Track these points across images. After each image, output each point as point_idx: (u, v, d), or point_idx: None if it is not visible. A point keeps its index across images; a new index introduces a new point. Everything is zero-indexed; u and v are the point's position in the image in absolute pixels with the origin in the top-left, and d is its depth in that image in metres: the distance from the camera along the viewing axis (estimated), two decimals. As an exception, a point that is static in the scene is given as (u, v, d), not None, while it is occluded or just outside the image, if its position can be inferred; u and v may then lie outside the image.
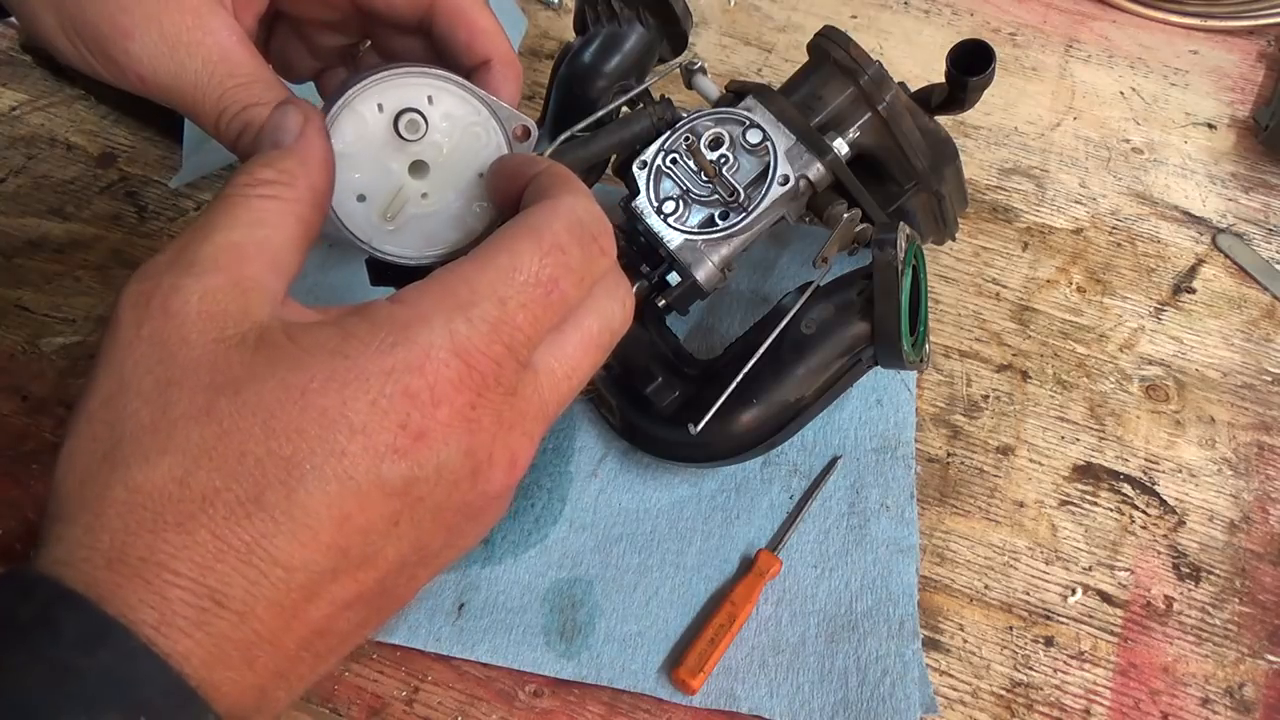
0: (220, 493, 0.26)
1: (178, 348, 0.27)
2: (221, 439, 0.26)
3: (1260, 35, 0.79)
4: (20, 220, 0.63)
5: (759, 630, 0.48)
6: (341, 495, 0.26)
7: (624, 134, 0.50)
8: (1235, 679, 0.48)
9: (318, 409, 0.27)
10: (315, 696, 0.46)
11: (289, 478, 0.26)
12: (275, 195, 0.30)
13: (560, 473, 0.53)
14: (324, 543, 0.26)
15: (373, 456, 0.27)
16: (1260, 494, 0.54)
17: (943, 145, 0.52)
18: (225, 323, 0.28)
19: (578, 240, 0.31)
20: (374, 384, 0.27)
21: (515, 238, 0.30)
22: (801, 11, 0.79)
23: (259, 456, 0.26)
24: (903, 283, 0.45)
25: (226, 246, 0.29)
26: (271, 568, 0.26)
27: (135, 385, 0.27)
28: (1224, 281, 0.64)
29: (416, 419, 0.27)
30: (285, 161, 0.31)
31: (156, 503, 0.25)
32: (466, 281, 0.29)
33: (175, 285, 0.28)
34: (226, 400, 0.26)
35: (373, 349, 0.27)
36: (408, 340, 0.28)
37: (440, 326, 0.28)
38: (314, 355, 0.27)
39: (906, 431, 0.55)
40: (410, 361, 0.27)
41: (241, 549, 0.25)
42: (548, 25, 0.77)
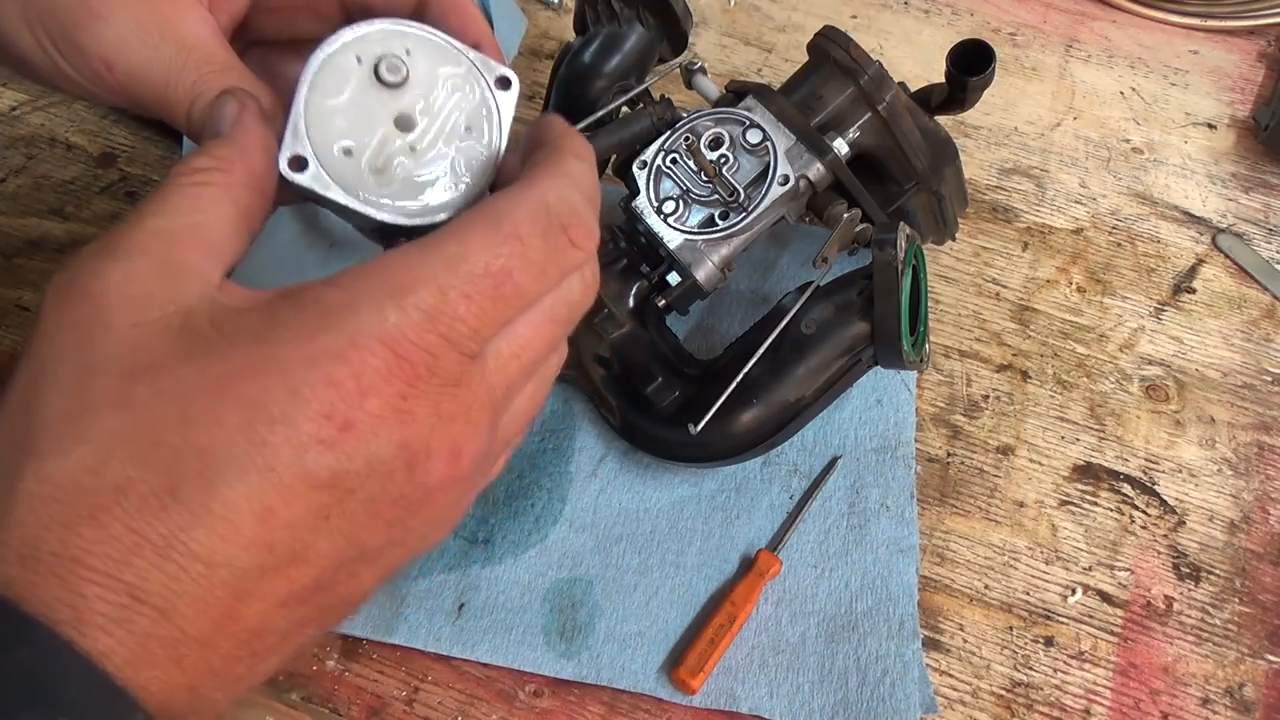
0: (134, 484, 0.24)
1: (98, 333, 0.26)
2: (137, 428, 0.25)
3: (1260, 35, 0.79)
4: (20, 220, 0.63)
5: (759, 630, 0.48)
6: (263, 488, 0.25)
7: (624, 134, 0.50)
8: (1235, 679, 0.48)
9: (236, 397, 0.25)
10: (315, 696, 0.46)
11: (206, 469, 0.25)
12: (210, 181, 0.29)
13: (560, 473, 0.53)
14: (246, 538, 0.25)
15: (295, 448, 0.25)
16: (1260, 494, 0.54)
17: (943, 145, 0.52)
18: (148, 306, 0.26)
19: (541, 230, 0.29)
20: (295, 372, 0.26)
21: (470, 224, 0.28)
22: (801, 11, 0.79)
23: (175, 447, 0.25)
24: (903, 283, 0.45)
25: (155, 232, 0.28)
26: (191, 563, 0.24)
27: (53, 372, 0.26)
28: (1224, 281, 0.64)
29: (342, 409, 0.26)
30: (221, 149, 0.30)
31: (68, 494, 0.24)
32: (407, 267, 0.27)
33: (96, 270, 0.27)
34: (144, 387, 0.25)
35: (296, 335, 0.26)
36: (332, 327, 0.26)
37: (369, 313, 0.26)
38: (235, 342, 0.26)
39: (906, 431, 0.55)
40: (333, 349, 0.26)
41: (159, 543, 0.24)
42: (548, 25, 0.77)
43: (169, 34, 0.32)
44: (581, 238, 0.30)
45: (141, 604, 0.24)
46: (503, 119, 0.33)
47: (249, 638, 0.26)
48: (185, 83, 0.33)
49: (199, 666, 0.25)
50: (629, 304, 0.53)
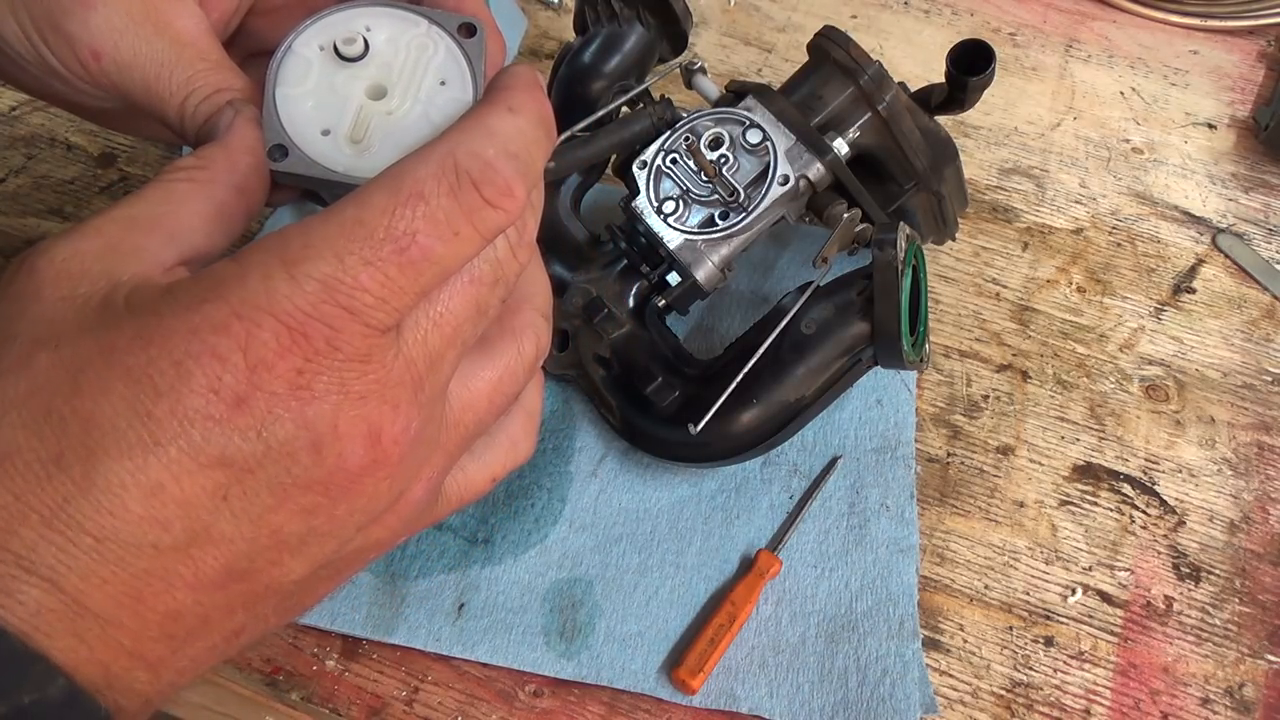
0: (21, 450, 0.24)
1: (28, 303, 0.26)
2: (32, 394, 0.24)
3: (1260, 35, 0.79)
4: (20, 220, 0.63)
5: (759, 630, 0.48)
6: (148, 462, 0.24)
7: (624, 134, 0.50)
8: (1235, 679, 0.48)
9: (123, 367, 0.24)
10: (315, 696, 0.46)
11: (88, 438, 0.24)
12: (188, 178, 0.29)
13: (560, 473, 0.53)
14: (135, 513, 0.24)
15: (181, 421, 0.24)
16: (1260, 494, 0.54)
17: (943, 145, 0.52)
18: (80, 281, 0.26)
19: (447, 188, 0.26)
20: (178, 343, 0.25)
21: (371, 188, 0.26)
22: (801, 11, 0.79)
23: (63, 415, 0.24)
24: (903, 283, 0.45)
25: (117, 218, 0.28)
26: (79, 535, 0.24)
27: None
28: (1224, 281, 0.64)
29: (230, 383, 0.25)
30: (209, 149, 0.30)
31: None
32: (303, 235, 0.26)
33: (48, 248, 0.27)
34: (46, 354, 0.25)
35: (183, 306, 0.25)
36: (218, 297, 0.25)
37: (256, 283, 0.25)
38: (133, 313, 0.25)
39: (906, 431, 0.55)
40: (216, 320, 0.25)
41: (44, 513, 0.24)
42: (548, 25, 0.77)
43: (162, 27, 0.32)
44: (496, 195, 0.27)
45: (29, 574, 0.23)
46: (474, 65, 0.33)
47: (161, 620, 0.25)
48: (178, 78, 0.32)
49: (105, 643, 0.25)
50: (629, 304, 0.53)
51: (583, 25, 0.58)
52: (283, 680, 0.46)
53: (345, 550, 0.29)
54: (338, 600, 0.48)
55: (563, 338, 0.55)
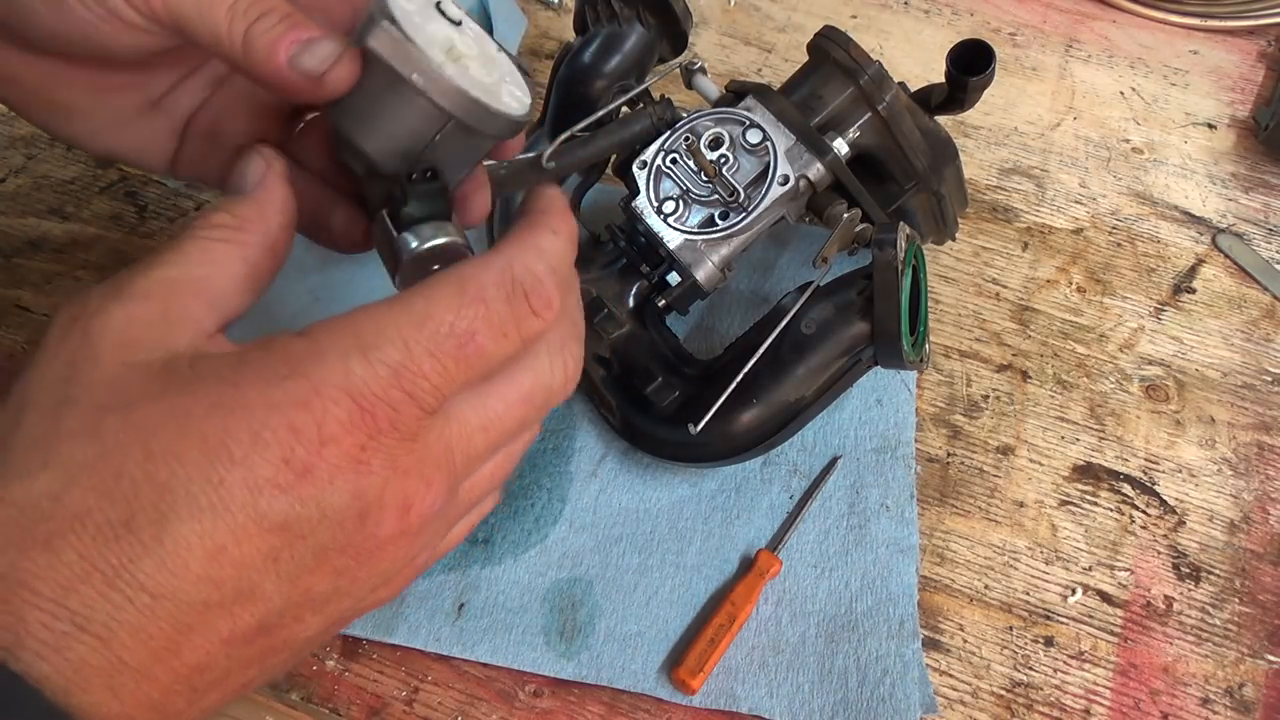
0: (92, 512, 0.25)
1: (87, 367, 0.27)
2: (102, 458, 0.25)
3: (1260, 35, 0.79)
4: (20, 220, 0.63)
5: (759, 630, 0.48)
6: (215, 526, 0.26)
7: (624, 134, 0.50)
8: (1235, 679, 0.48)
9: (198, 435, 0.26)
10: (315, 696, 0.46)
11: (161, 502, 0.25)
12: (225, 239, 0.30)
13: (560, 473, 0.53)
14: (195, 573, 0.26)
15: (251, 489, 0.26)
16: (1260, 494, 0.54)
17: (943, 145, 0.52)
18: (138, 348, 0.27)
19: (505, 295, 0.30)
20: (258, 415, 0.26)
21: (438, 284, 0.29)
22: (801, 11, 0.79)
23: (135, 479, 0.25)
24: (903, 283, 0.45)
25: (162, 280, 0.29)
26: (137, 593, 0.25)
27: (36, 400, 0.27)
28: (1224, 281, 0.64)
29: (301, 455, 0.27)
30: (241, 207, 0.31)
31: (27, 518, 0.25)
32: (375, 322, 0.28)
33: (101, 308, 0.28)
34: (114, 419, 0.26)
35: (263, 379, 0.27)
36: (299, 374, 0.27)
37: (335, 363, 0.27)
38: (205, 381, 0.27)
39: (906, 431, 0.55)
40: (298, 396, 0.27)
41: (108, 572, 0.25)
42: (548, 25, 0.77)
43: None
44: (541, 305, 0.30)
45: (83, 631, 0.25)
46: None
47: (189, 673, 0.27)
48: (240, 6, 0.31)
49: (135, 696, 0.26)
50: (629, 304, 0.53)
51: (583, 25, 0.58)
52: (282, 680, 0.46)
53: (356, 608, 0.31)
54: (338, 600, 0.48)
55: (563, 338, 0.55)
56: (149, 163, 0.38)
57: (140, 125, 0.37)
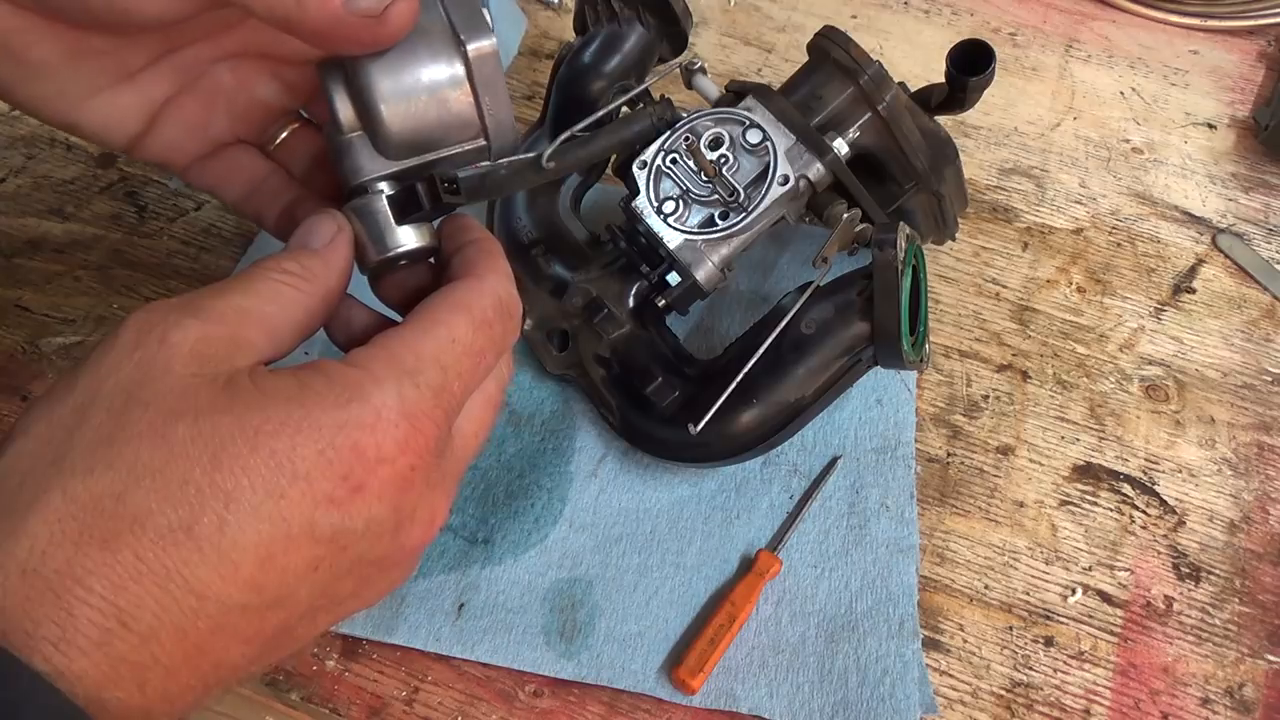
0: (153, 515, 0.26)
1: (159, 375, 0.28)
2: (169, 463, 0.27)
3: (1260, 35, 0.79)
4: (20, 220, 0.63)
5: (759, 630, 0.48)
6: (271, 535, 0.27)
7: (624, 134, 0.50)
8: (1235, 679, 0.48)
9: (267, 450, 0.27)
10: (315, 696, 0.46)
11: (225, 511, 0.27)
12: (293, 285, 0.32)
13: (560, 473, 0.53)
14: (243, 578, 0.27)
15: (309, 503, 0.28)
16: (1260, 494, 0.54)
17: (943, 145, 0.52)
18: (207, 363, 0.29)
19: (500, 316, 0.34)
20: (325, 435, 0.28)
21: (451, 311, 0.32)
22: (801, 11, 0.79)
23: (200, 486, 0.27)
24: (903, 283, 0.45)
25: (236, 307, 0.30)
26: (186, 595, 0.26)
27: (106, 400, 0.27)
28: (1224, 281, 0.64)
29: (359, 473, 0.29)
30: (310, 260, 0.33)
31: (89, 515, 0.26)
32: (411, 348, 0.31)
33: (179, 323, 0.29)
34: (184, 427, 0.27)
35: (328, 401, 0.29)
36: (362, 398, 0.29)
37: (392, 388, 0.30)
38: (273, 399, 0.28)
39: (906, 431, 0.55)
40: (363, 419, 0.29)
41: (161, 574, 0.26)
42: (548, 25, 0.77)
43: None
44: (516, 321, 0.35)
45: (127, 629, 0.25)
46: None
47: (209, 669, 0.28)
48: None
49: (158, 691, 0.27)
50: (629, 304, 0.53)
51: (583, 25, 0.58)
52: (283, 680, 0.47)
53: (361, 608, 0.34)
54: (338, 600, 0.48)
55: (563, 338, 0.55)
56: (107, 138, 0.38)
57: (108, 98, 0.37)
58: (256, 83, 0.39)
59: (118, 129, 0.38)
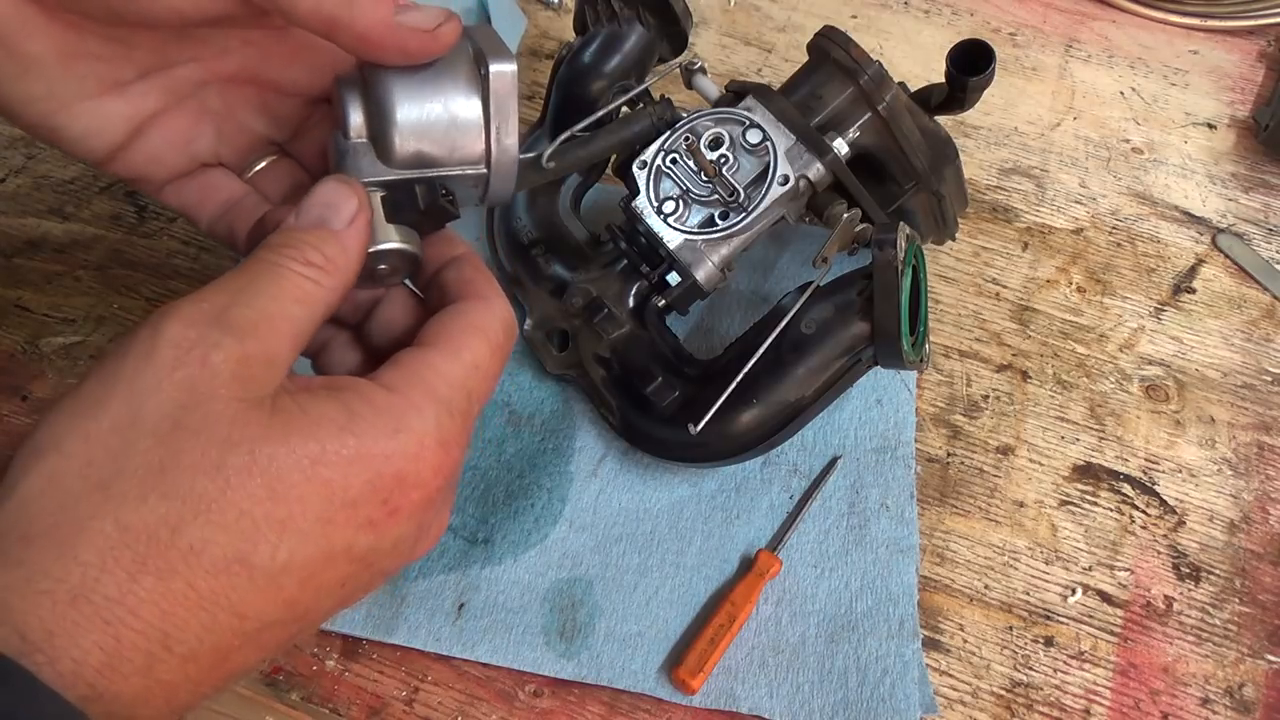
0: (209, 546, 0.26)
1: (205, 400, 0.28)
2: (225, 494, 0.27)
3: (1260, 35, 0.79)
4: (20, 220, 0.63)
5: (759, 630, 0.48)
6: (315, 558, 0.28)
7: (624, 134, 0.50)
8: (1235, 679, 0.48)
9: (322, 480, 0.28)
10: (315, 696, 0.46)
11: (279, 540, 0.27)
12: (316, 280, 0.31)
13: (560, 473, 0.53)
14: (284, 598, 0.28)
15: (353, 528, 0.29)
16: (1260, 494, 0.54)
17: (943, 145, 0.52)
18: (250, 386, 0.29)
19: (510, 338, 0.35)
20: (375, 465, 0.29)
21: (471, 335, 0.33)
22: (801, 11, 0.79)
23: (255, 518, 0.27)
24: (903, 283, 0.45)
25: (268, 316, 0.30)
26: (229, 617, 0.27)
27: (153, 424, 0.27)
28: (1224, 281, 0.64)
29: (396, 498, 0.30)
30: (331, 248, 0.32)
31: (144, 546, 0.26)
32: (443, 376, 0.32)
33: (218, 342, 0.28)
34: (239, 459, 0.27)
35: (379, 431, 0.29)
36: (408, 429, 0.30)
37: (431, 417, 0.31)
38: (325, 428, 0.29)
39: (906, 431, 0.55)
40: (409, 449, 0.30)
41: (210, 600, 0.26)
42: (548, 25, 0.77)
43: None
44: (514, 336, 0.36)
45: (169, 653, 0.26)
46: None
47: (225, 678, 0.28)
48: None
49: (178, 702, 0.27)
50: (629, 304, 0.53)
51: (583, 25, 0.58)
52: (283, 680, 0.47)
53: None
54: (338, 600, 0.48)
55: (563, 338, 0.55)
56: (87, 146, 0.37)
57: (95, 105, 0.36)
58: (244, 110, 0.39)
59: (100, 138, 0.37)
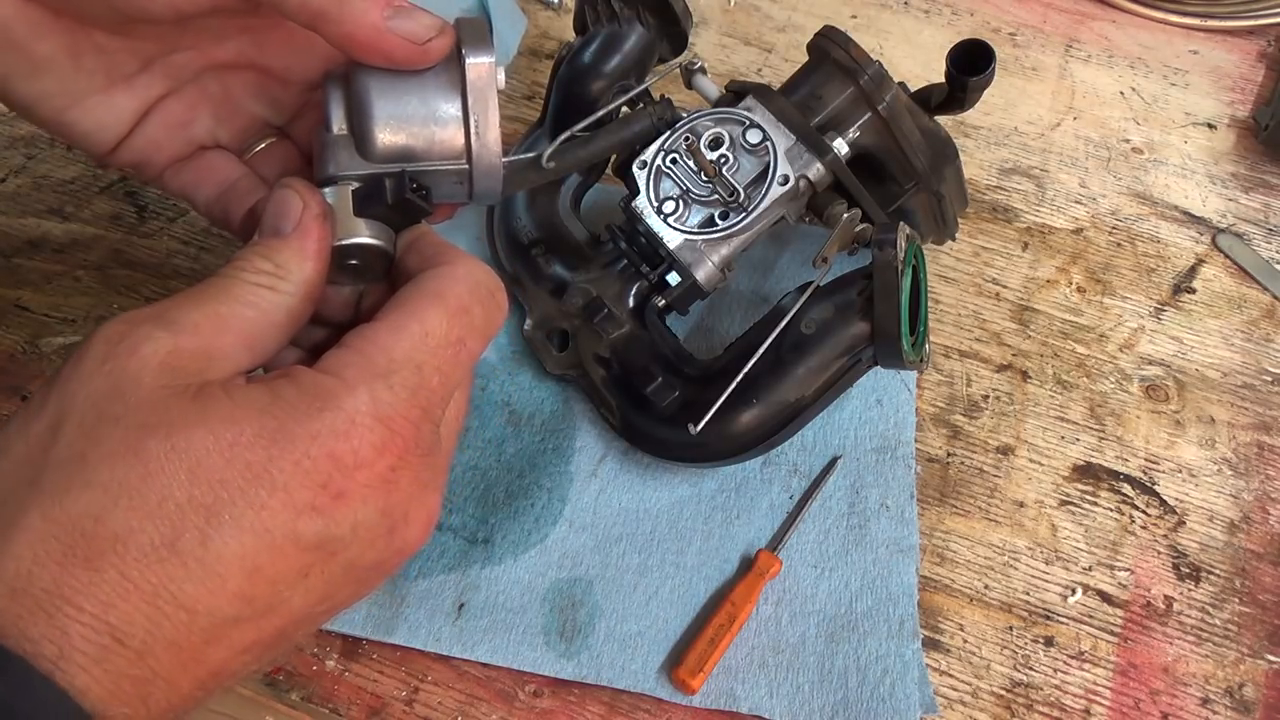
0: (135, 533, 0.26)
1: (129, 387, 0.28)
2: (145, 480, 0.26)
3: (1260, 35, 0.79)
4: (20, 220, 0.63)
5: (759, 630, 0.48)
6: (256, 547, 0.27)
7: (624, 134, 0.50)
8: (1235, 679, 0.48)
9: (243, 462, 0.27)
10: (315, 696, 0.46)
11: (207, 525, 0.27)
12: (270, 286, 0.31)
13: (560, 473, 0.53)
14: (231, 591, 0.27)
15: (291, 512, 0.28)
16: (1260, 494, 0.54)
17: (943, 145, 0.52)
18: (178, 374, 0.28)
19: (480, 300, 0.33)
20: (300, 445, 0.28)
21: (423, 304, 0.31)
22: (801, 11, 0.79)
23: (179, 502, 0.27)
24: (903, 283, 0.45)
25: (211, 315, 0.30)
26: (176, 611, 0.26)
27: (78, 416, 0.27)
28: (1224, 281, 0.64)
29: (338, 480, 0.29)
30: (283, 254, 0.32)
31: (70, 535, 0.26)
32: (384, 350, 0.30)
33: (150, 334, 0.28)
34: (156, 442, 0.27)
35: (301, 411, 0.28)
36: (335, 406, 0.29)
37: (364, 394, 0.29)
38: (246, 411, 0.28)
39: (906, 431, 0.55)
40: (336, 426, 0.29)
41: (148, 590, 0.26)
42: (548, 25, 0.77)
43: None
44: (504, 299, 0.34)
45: (122, 645, 0.26)
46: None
47: (207, 678, 0.28)
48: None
49: (161, 703, 0.27)
50: (629, 304, 0.53)
51: (583, 25, 0.58)
52: (283, 680, 0.46)
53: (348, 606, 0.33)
54: (338, 600, 0.48)
55: (563, 338, 0.55)
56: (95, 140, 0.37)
57: (103, 99, 0.36)
58: (242, 94, 0.40)
59: (109, 130, 0.37)
